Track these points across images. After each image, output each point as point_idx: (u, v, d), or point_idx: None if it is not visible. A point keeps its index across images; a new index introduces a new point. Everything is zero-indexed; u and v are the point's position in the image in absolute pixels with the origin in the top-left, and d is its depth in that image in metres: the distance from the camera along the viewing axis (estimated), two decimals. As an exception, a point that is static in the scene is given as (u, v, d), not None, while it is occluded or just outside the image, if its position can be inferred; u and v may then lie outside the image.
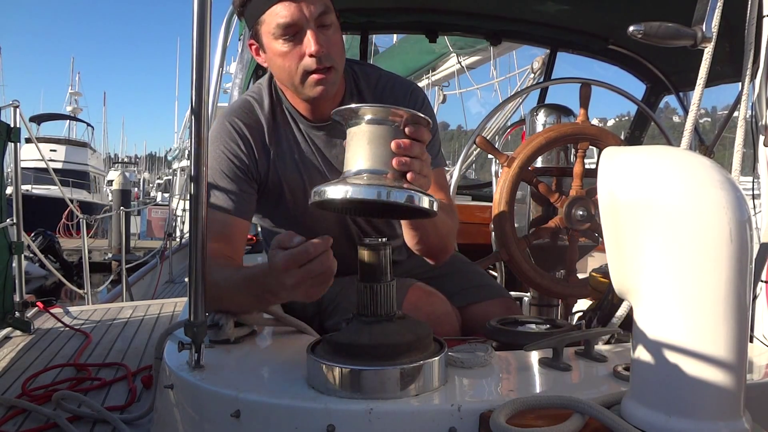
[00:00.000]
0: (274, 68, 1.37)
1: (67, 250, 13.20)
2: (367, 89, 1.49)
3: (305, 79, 1.32)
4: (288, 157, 1.45)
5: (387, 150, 0.98)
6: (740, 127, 1.18)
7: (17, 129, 3.38)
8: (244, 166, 1.40)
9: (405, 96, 1.49)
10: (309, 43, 1.27)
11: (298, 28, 1.27)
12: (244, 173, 1.40)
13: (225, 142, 1.40)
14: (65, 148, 23.10)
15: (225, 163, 1.38)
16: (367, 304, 0.93)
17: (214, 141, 1.39)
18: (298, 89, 1.35)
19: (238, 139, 1.40)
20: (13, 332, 3.22)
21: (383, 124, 0.99)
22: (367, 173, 0.97)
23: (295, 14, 1.26)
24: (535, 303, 2.24)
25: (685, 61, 2.49)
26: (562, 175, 2.15)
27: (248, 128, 1.42)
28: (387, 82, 1.51)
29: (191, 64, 0.94)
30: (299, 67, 1.30)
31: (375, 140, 0.98)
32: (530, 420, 0.81)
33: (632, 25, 1.15)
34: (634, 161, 0.80)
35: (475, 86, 5.99)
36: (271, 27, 1.28)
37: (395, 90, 1.50)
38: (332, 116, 1.03)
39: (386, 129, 0.98)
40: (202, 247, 0.99)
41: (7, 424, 1.98)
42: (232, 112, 1.44)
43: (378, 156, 0.98)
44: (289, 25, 1.26)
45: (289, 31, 1.27)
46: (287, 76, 1.34)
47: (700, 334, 0.72)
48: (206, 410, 0.99)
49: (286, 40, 1.28)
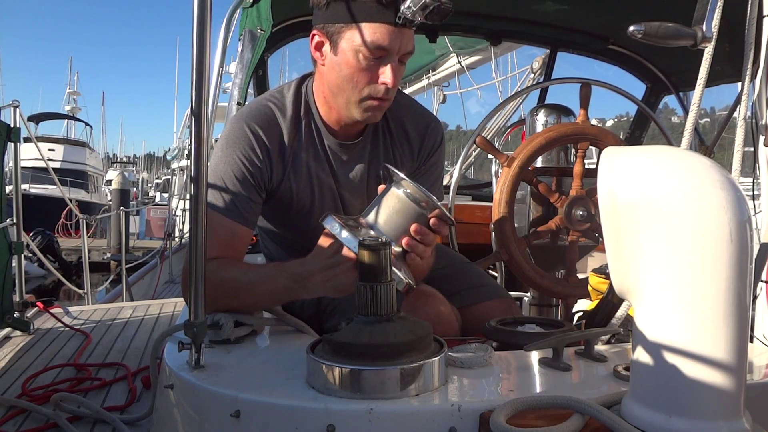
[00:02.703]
0: (334, 73, 1.31)
1: (66, 249, 13.19)
2: (391, 118, 1.48)
3: (364, 101, 1.31)
4: (303, 170, 1.42)
5: (406, 226, 1.13)
6: (740, 127, 1.18)
7: (17, 129, 3.38)
8: (259, 174, 1.36)
9: (426, 130, 1.51)
10: (387, 74, 1.27)
11: (385, 54, 1.26)
12: (257, 182, 1.37)
13: (242, 148, 1.35)
14: (63, 147, 23.02)
15: (239, 170, 1.34)
16: (367, 304, 0.93)
17: (230, 145, 1.36)
18: (349, 105, 1.33)
19: (256, 146, 1.36)
20: (13, 332, 3.22)
21: (417, 204, 1.13)
22: (376, 233, 1.13)
23: (393, 43, 1.25)
24: (535, 303, 2.24)
25: (685, 61, 2.49)
26: (562, 175, 2.15)
27: (268, 136, 1.37)
28: (409, 109, 1.52)
29: (191, 64, 0.94)
30: (366, 87, 1.29)
31: (402, 212, 1.13)
32: (530, 420, 0.81)
33: (632, 25, 1.15)
34: (634, 161, 0.80)
35: (475, 86, 5.98)
36: (361, 39, 1.24)
37: (417, 121, 1.51)
38: (384, 167, 1.17)
39: (416, 210, 1.13)
40: (202, 247, 0.99)
41: (7, 424, 1.98)
42: (252, 118, 1.38)
43: (396, 227, 1.14)
44: (381, 48, 1.25)
45: (376, 53, 1.25)
46: (347, 88, 1.30)
47: (700, 334, 0.72)
48: (206, 410, 0.99)
49: (368, 59, 1.26)
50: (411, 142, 1.50)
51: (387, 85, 1.28)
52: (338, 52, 1.28)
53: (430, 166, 1.53)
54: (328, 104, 1.39)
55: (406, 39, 1.26)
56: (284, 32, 2.36)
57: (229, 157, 1.35)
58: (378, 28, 1.23)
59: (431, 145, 1.52)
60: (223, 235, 1.31)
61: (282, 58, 4.60)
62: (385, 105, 1.34)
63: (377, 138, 1.48)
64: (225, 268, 1.26)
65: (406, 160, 1.50)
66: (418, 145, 1.50)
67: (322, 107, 1.41)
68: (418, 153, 1.51)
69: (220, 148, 1.37)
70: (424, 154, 1.52)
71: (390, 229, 1.13)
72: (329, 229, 1.11)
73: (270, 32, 1.81)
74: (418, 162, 1.52)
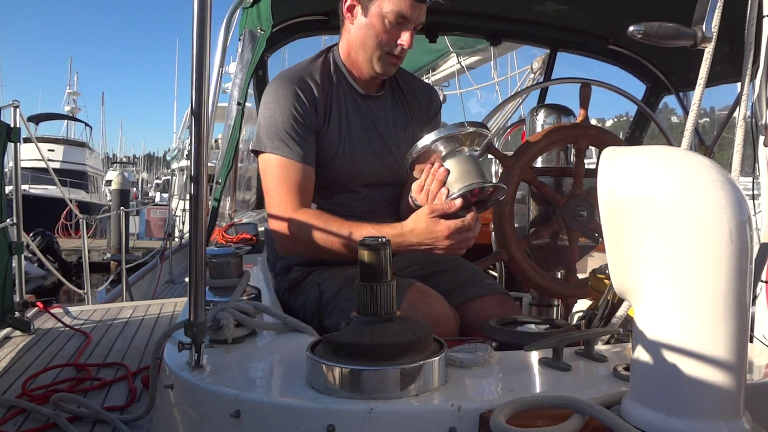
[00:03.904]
0: (362, 31, 1.58)
1: (66, 250, 13.18)
2: (402, 82, 1.79)
3: (383, 57, 1.59)
4: (342, 116, 1.65)
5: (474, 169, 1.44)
6: (740, 127, 1.18)
7: (17, 129, 3.37)
8: (309, 118, 1.59)
9: (430, 94, 1.86)
10: (405, 37, 1.56)
11: (405, 21, 1.54)
12: (310, 125, 1.59)
13: (292, 97, 1.57)
14: (63, 147, 23.00)
15: (294, 117, 1.57)
16: (367, 304, 0.93)
17: (280, 98, 1.58)
18: (371, 60, 1.60)
19: (301, 95, 1.58)
20: (13, 332, 3.22)
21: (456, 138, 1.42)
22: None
23: (414, 14, 1.53)
24: (535, 303, 2.23)
25: (685, 61, 2.49)
26: (562, 175, 2.15)
27: (307, 88, 1.60)
28: (414, 79, 1.88)
29: (191, 64, 0.94)
30: (386, 46, 1.57)
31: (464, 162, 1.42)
32: (530, 420, 0.81)
33: (632, 25, 1.15)
34: (634, 161, 0.80)
35: (475, 86, 5.98)
36: (389, 8, 1.52)
37: (422, 86, 1.88)
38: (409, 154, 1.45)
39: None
40: (202, 247, 0.99)
41: (7, 424, 1.98)
42: (289, 77, 1.61)
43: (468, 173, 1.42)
44: (404, 17, 1.53)
45: (400, 20, 1.53)
46: (372, 45, 1.57)
47: (700, 334, 0.72)
48: (206, 410, 0.99)
49: (391, 23, 1.54)
50: (420, 102, 1.80)
51: (403, 46, 1.57)
52: (368, 15, 1.56)
53: (435, 124, 1.83)
54: (352, 59, 1.65)
55: (422, 12, 1.56)
56: (284, 32, 2.36)
57: (283, 107, 1.57)
58: (403, 1, 1.51)
59: (436, 105, 1.85)
60: (296, 179, 1.55)
61: (282, 58, 4.59)
62: (398, 63, 1.63)
63: (395, 95, 1.77)
64: (311, 223, 1.49)
65: (416, 114, 1.79)
66: (426, 104, 1.82)
67: (348, 62, 1.67)
68: (426, 111, 1.82)
69: (268, 105, 1.59)
70: (431, 112, 1.83)
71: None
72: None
73: (270, 32, 1.81)
74: (426, 118, 1.81)
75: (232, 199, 3.52)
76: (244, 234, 2.37)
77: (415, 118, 1.78)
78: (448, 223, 1.37)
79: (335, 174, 1.65)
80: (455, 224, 1.37)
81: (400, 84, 1.78)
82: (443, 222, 1.37)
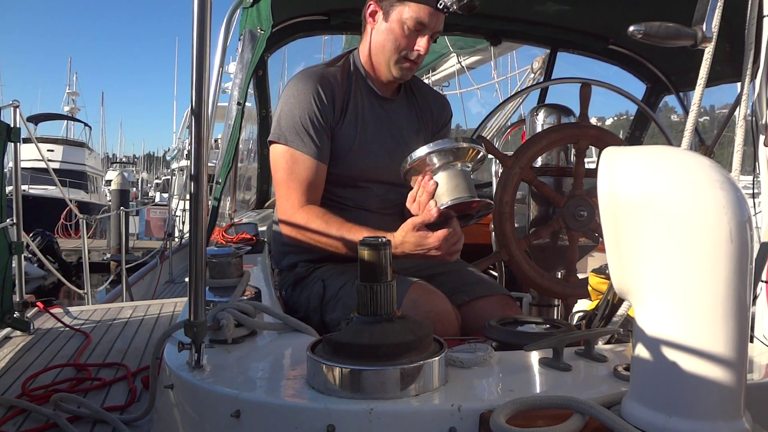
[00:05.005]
0: (382, 36, 1.64)
1: (66, 250, 13.17)
2: (416, 90, 1.85)
3: (400, 61, 1.65)
4: (358, 115, 1.69)
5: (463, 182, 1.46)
6: (740, 126, 1.18)
7: (17, 129, 3.37)
8: (326, 115, 1.63)
9: (443, 104, 1.90)
10: (422, 44, 1.61)
11: (423, 29, 1.60)
12: (327, 122, 1.63)
13: (315, 89, 1.62)
14: (62, 148, 22.98)
15: (313, 113, 1.61)
16: (367, 304, 0.93)
17: (299, 93, 1.62)
18: (389, 64, 1.66)
19: (321, 92, 1.62)
20: (13, 332, 3.21)
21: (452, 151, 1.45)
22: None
23: (431, 22, 1.59)
24: (535, 303, 2.24)
25: (685, 61, 2.49)
26: (562, 175, 2.15)
27: (327, 86, 1.64)
28: (429, 88, 1.97)
29: (191, 64, 0.94)
30: (404, 50, 1.62)
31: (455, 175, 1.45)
32: (530, 420, 0.81)
33: (632, 25, 1.15)
34: (634, 161, 0.80)
35: (475, 86, 5.99)
36: (408, 14, 1.58)
37: (436, 96, 1.93)
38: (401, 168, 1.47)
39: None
40: (202, 247, 0.98)
41: (7, 424, 1.98)
42: (309, 75, 1.65)
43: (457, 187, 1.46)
44: (423, 24, 1.59)
45: (418, 27, 1.59)
46: (390, 48, 1.63)
47: (700, 334, 0.72)
48: (206, 410, 0.99)
49: (410, 30, 1.59)
50: (432, 110, 1.86)
51: (419, 52, 1.62)
52: (389, 21, 1.62)
53: (443, 134, 1.88)
54: (371, 62, 1.71)
55: (440, 21, 1.61)
56: (284, 32, 2.37)
57: (303, 102, 1.61)
58: (422, 9, 1.57)
59: (447, 116, 1.90)
60: (305, 175, 1.60)
61: (282, 58, 4.60)
62: (415, 68, 1.69)
63: (409, 100, 1.83)
64: (313, 221, 1.56)
65: (428, 121, 1.84)
66: (437, 113, 1.87)
67: (367, 64, 1.72)
68: (437, 120, 1.87)
69: (288, 99, 1.63)
70: (440, 122, 1.87)
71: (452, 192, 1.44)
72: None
73: (270, 32, 1.81)
74: (436, 126, 1.86)
75: (232, 199, 3.52)
76: (244, 234, 2.37)
77: (427, 125, 1.83)
78: (437, 234, 1.43)
79: (349, 169, 1.68)
80: (443, 234, 1.43)
81: (415, 91, 1.84)
82: (431, 234, 1.43)
